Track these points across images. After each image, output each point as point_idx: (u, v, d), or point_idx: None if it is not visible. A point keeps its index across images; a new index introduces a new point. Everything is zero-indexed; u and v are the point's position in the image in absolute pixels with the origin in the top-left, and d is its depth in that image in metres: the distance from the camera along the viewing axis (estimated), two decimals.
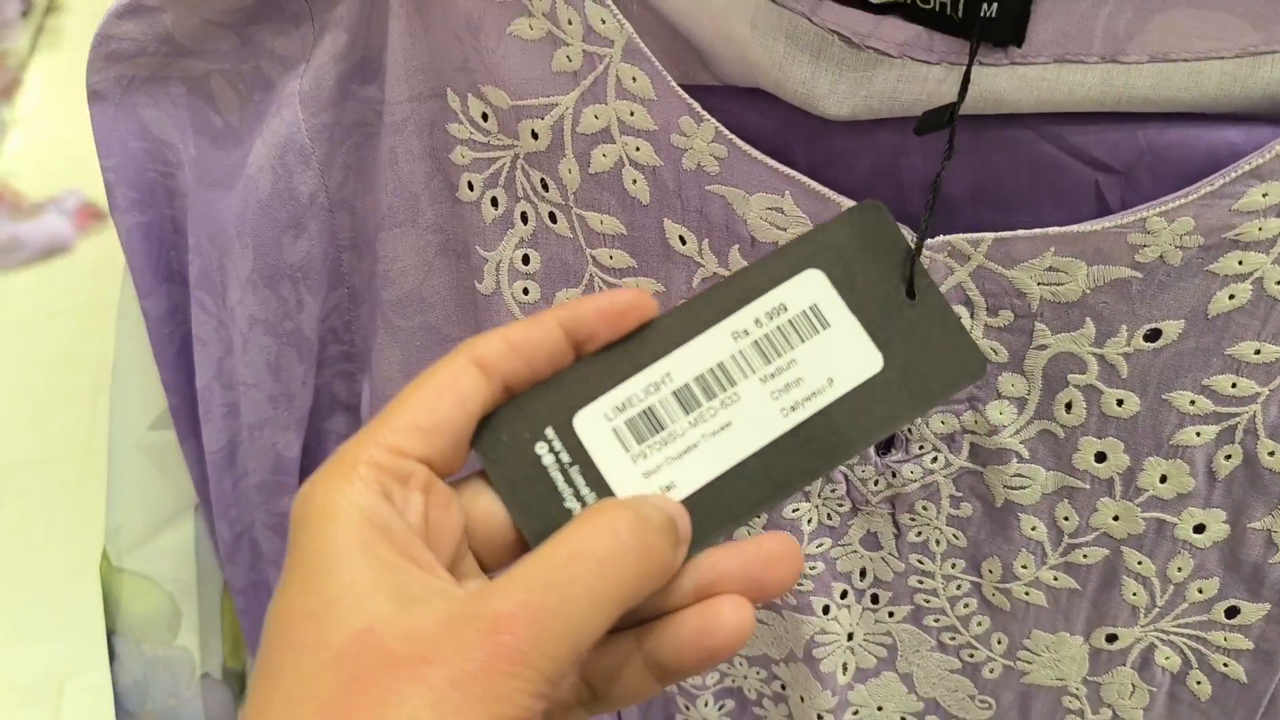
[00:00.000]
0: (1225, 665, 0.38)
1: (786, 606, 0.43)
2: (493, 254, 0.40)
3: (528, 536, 0.28)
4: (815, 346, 0.30)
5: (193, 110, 0.42)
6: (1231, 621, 0.38)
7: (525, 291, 0.40)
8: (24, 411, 1.78)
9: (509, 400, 0.28)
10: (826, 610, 0.42)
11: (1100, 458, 0.37)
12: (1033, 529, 0.39)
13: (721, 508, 0.29)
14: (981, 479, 0.38)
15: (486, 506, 0.28)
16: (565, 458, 0.28)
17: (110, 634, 0.50)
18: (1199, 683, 0.39)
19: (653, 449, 0.29)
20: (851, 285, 0.31)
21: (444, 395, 0.26)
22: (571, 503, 0.28)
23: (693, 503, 0.29)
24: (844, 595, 0.42)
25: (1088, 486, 0.37)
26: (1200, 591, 0.38)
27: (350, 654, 0.22)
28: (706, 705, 0.47)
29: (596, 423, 0.29)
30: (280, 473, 0.45)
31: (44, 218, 2.15)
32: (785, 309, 0.30)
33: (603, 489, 0.28)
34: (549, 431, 0.28)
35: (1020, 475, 0.38)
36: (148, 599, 0.50)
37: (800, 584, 0.42)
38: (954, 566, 0.41)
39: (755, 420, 0.29)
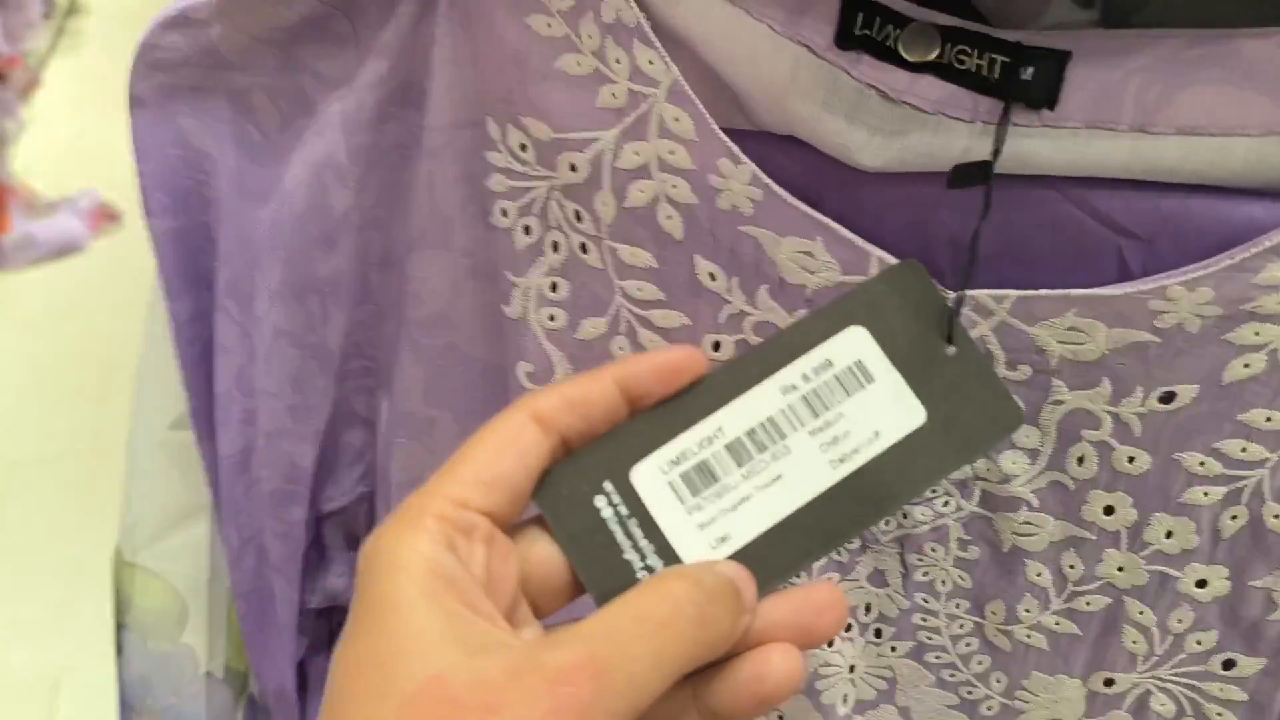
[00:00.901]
0: (1219, 715, 0.40)
1: None
2: (522, 280, 0.41)
3: (589, 588, 0.29)
4: (861, 400, 0.32)
5: (233, 122, 0.42)
6: (1228, 673, 0.39)
7: (552, 318, 0.41)
8: (31, 409, 1.78)
9: (568, 455, 0.29)
10: (830, 643, 0.43)
11: (1109, 511, 0.37)
12: (1038, 575, 0.39)
13: (776, 558, 0.30)
14: (991, 524, 0.39)
15: (540, 553, 0.29)
16: (623, 510, 0.29)
17: (118, 627, 0.51)
18: None
19: (707, 501, 0.30)
20: (893, 341, 0.32)
21: (505, 450, 0.27)
22: (630, 555, 0.29)
23: (748, 554, 0.30)
24: (848, 628, 0.43)
25: (1094, 537, 0.38)
26: (1199, 643, 0.39)
27: (419, 702, 0.23)
28: None
29: (653, 476, 0.30)
30: (293, 482, 0.46)
31: (58, 217, 2.15)
32: (831, 364, 0.32)
33: (660, 541, 0.29)
34: (607, 485, 0.29)
35: (1029, 523, 0.39)
36: (157, 595, 0.51)
37: None
38: (958, 606, 0.41)
39: (806, 472, 0.31)
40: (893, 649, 0.43)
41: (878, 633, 0.43)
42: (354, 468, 0.48)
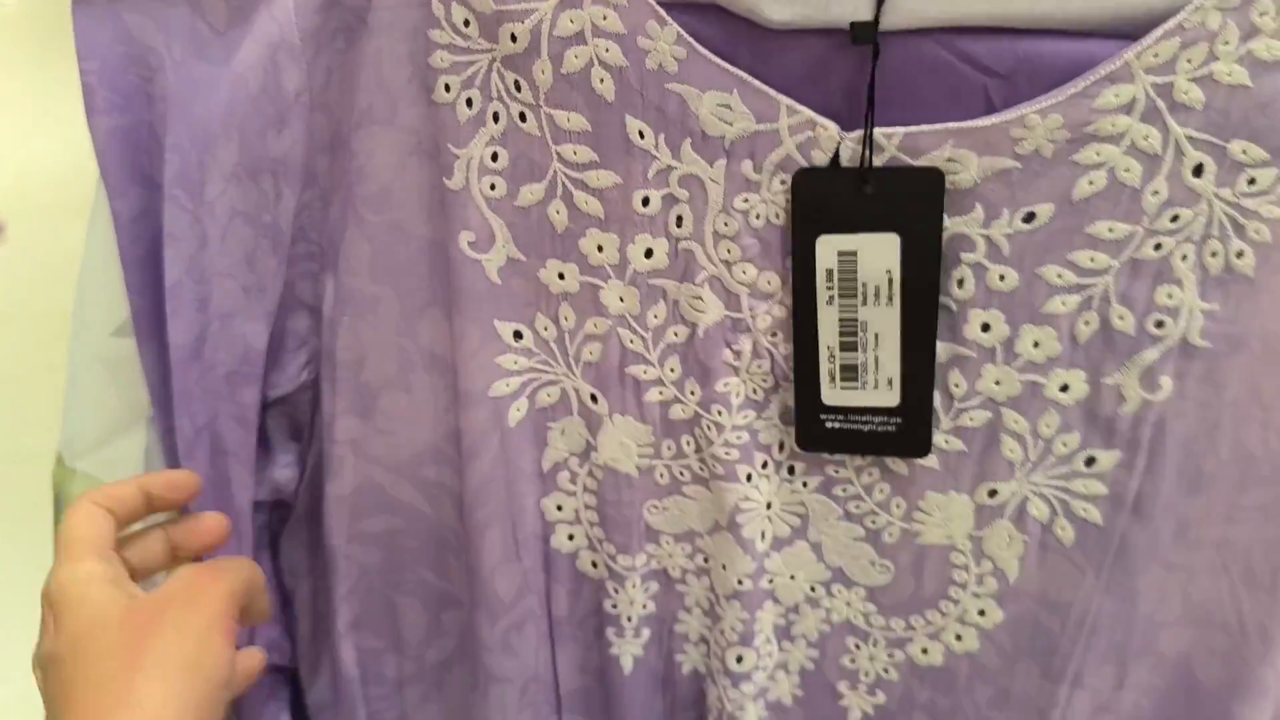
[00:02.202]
0: (1085, 511, 0.46)
1: (715, 477, 0.48)
2: (464, 151, 0.45)
3: None
4: None
5: (181, 16, 0.45)
6: (1090, 470, 0.45)
7: (493, 187, 0.45)
8: None
9: None
10: (750, 478, 0.48)
11: (985, 328, 0.44)
12: None
13: None
14: None
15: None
16: None
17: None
18: (1063, 529, 0.46)
19: None
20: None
21: (100, 523, 0.44)
22: None
23: None
24: (764, 465, 0.48)
25: (975, 354, 0.44)
26: (1065, 445, 0.45)
27: (127, 617, 0.40)
28: (634, 587, 0.52)
29: None
30: (248, 363, 0.48)
31: None
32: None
33: None
34: None
35: None
36: None
37: (727, 453, 0.47)
38: None
39: None
40: (804, 484, 0.49)
41: (790, 469, 0.48)
42: (298, 354, 0.50)
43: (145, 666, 0.39)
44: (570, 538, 0.52)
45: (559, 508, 0.51)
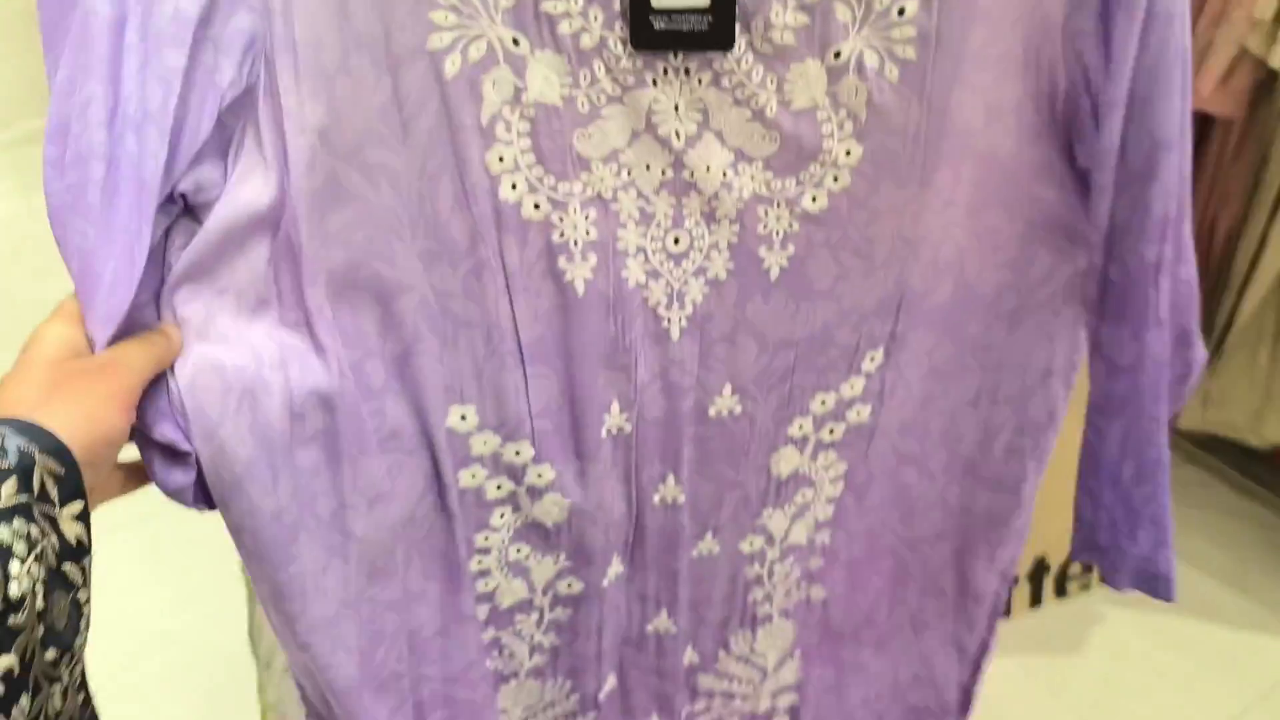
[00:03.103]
0: (903, 51, 0.61)
1: (627, 89, 0.59)
2: None
3: None
4: None
5: None
6: (902, 19, 0.60)
7: None
8: None
9: None
10: (655, 83, 0.60)
11: None
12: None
13: None
14: None
15: None
16: None
17: None
18: (891, 70, 0.61)
19: None
20: None
21: None
22: None
23: None
24: (665, 72, 0.60)
25: None
26: (881, 2, 0.60)
27: (57, 363, 0.52)
28: (576, 212, 0.62)
29: None
30: (177, 24, 0.51)
31: None
32: None
33: None
34: None
35: None
36: None
37: (634, 63, 0.59)
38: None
39: None
40: (699, 81, 0.61)
41: (686, 71, 0.60)
42: (247, 54, 0.55)
43: (50, 402, 0.49)
44: (514, 187, 0.61)
45: (500, 159, 0.61)
